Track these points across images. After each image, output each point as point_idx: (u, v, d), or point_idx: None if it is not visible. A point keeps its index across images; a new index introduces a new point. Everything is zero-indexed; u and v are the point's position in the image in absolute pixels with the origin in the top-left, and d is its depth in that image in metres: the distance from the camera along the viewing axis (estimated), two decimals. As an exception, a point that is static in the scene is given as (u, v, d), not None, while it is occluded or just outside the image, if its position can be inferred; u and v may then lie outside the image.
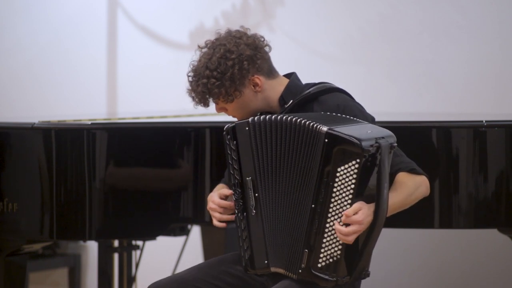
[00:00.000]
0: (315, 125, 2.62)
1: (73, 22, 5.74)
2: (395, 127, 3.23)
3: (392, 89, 4.85)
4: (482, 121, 3.24)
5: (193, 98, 2.85)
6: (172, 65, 5.40)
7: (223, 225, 2.86)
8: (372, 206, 2.58)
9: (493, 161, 3.24)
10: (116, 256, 4.12)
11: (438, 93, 4.75)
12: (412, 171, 2.73)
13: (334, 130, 2.58)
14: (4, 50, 5.93)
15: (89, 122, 3.43)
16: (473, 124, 3.25)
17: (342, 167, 2.57)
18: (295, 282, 2.70)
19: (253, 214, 2.75)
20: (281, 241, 2.72)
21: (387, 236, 4.77)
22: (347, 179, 2.57)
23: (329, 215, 2.60)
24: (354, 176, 2.56)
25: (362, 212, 2.56)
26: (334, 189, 2.58)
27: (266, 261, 2.76)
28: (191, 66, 2.85)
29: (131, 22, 5.57)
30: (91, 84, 5.70)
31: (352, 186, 2.57)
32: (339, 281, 2.64)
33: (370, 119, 2.79)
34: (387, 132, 2.66)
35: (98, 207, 3.37)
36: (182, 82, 3.00)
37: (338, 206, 2.59)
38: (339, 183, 2.58)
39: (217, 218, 2.86)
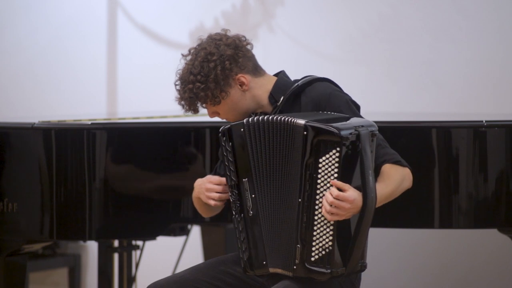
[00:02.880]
0: (293, 120, 2.65)
1: (73, 22, 5.74)
2: (395, 127, 3.24)
3: (392, 89, 4.85)
4: (482, 121, 3.24)
5: (183, 106, 2.88)
6: (172, 65, 5.37)
7: (221, 203, 2.87)
8: (360, 193, 2.59)
9: (493, 161, 3.24)
10: (116, 256, 4.12)
11: (438, 93, 4.75)
12: (397, 163, 2.75)
13: (311, 122, 2.61)
14: (4, 50, 5.93)
15: (89, 122, 3.43)
16: (473, 124, 3.25)
17: (324, 157, 2.59)
18: (294, 282, 2.70)
19: (250, 215, 2.76)
20: (278, 240, 2.73)
21: (387, 236, 4.77)
22: (329, 169, 2.59)
23: (316, 207, 2.62)
24: (336, 165, 2.58)
25: (353, 194, 2.57)
26: (318, 181, 2.61)
27: (264, 262, 2.76)
28: (177, 75, 2.89)
29: (131, 22, 5.57)
30: (91, 84, 5.70)
31: (335, 175, 2.59)
32: (334, 272, 2.64)
33: (355, 107, 2.82)
34: (368, 121, 2.68)
35: (98, 207, 3.37)
36: (182, 82, 3.00)
37: (324, 197, 2.61)
38: (322, 173, 2.60)
39: (216, 198, 2.84)
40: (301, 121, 2.63)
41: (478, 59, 4.65)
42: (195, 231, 4.71)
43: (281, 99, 2.85)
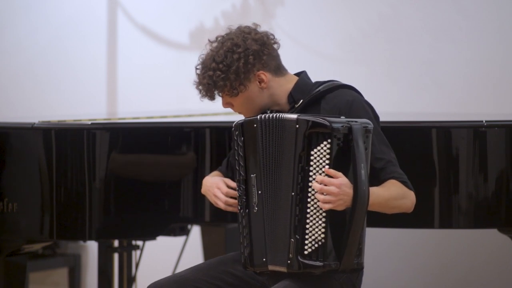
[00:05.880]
0: (287, 115, 2.70)
1: (73, 22, 5.74)
2: (395, 127, 3.24)
3: (392, 89, 4.85)
4: (482, 121, 3.24)
5: (200, 91, 2.88)
6: (172, 65, 5.40)
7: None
8: (352, 184, 2.60)
9: (493, 161, 3.24)
10: (116, 256, 4.12)
11: (438, 93, 4.75)
12: (404, 183, 2.77)
13: (303, 116, 2.66)
14: (4, 50, 5.93)
15: (89, 122, 3.43)
16: (473, 124, 3.25)
17: (315, 149, 2.63)
18: (294, 282, 2.70)
19: (255, 211, 2.77)
20: (277, 237, 2.73)
21: (387, 236, 4.77)
22: (321, 161, 2.62)
23: (308, 199, 2.64)
24: (327, 156, 2.61)
25: (342, 179, 2.59)
26: (310, 173, 2.63)
27: (264, 259, 2.76)
28: (200, 59, 2.89)
29: (131, 22, 5.57)
30: (91, 84, 5.70)
31: (327, 167, 2.61)
32: (327, 266, 2.64)
33: (375, 118, 2.81)
34: (364, 120, 2.69)
35: (98, 207, 3.37)
36: (182, 82, 3.02)
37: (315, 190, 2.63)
38: (314, 166, 2.63)
39: (223, 207, 2.88)
40: (294, 116, 2.67)
41: (478, 59, 4.65)
42: (195, 231, 4.71)
43: (300, 102, 2.86)
